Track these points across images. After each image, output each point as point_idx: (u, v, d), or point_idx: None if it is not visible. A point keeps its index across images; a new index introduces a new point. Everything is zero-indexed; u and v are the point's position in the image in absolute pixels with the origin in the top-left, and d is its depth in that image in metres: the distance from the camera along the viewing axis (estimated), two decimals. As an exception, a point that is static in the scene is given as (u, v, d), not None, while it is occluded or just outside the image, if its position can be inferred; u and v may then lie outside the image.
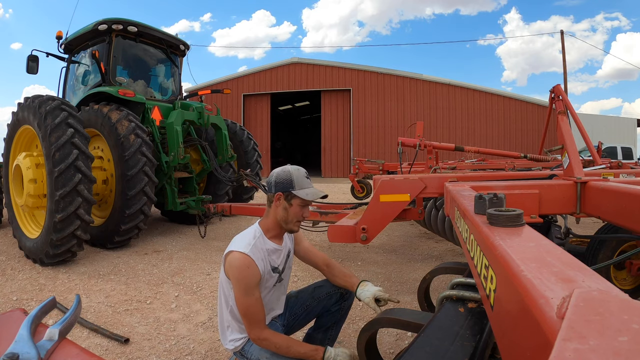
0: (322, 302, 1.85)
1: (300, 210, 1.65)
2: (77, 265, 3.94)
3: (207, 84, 19.81)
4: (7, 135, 4.61)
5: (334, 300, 1.85)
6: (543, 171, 3.25)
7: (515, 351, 0.48)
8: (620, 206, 1.25)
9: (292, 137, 31.08)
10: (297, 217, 1.66)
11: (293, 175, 1.65)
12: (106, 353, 2.23)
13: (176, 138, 5.04)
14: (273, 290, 1.71)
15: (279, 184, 1.65)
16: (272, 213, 1.68)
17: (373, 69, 18.60)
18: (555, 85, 3.48)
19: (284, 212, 1.65)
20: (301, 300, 1.87)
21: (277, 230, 1.70)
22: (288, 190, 1.63)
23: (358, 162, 8.41)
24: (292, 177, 1.64)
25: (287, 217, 1.65)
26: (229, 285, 1.62)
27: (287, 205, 1.64)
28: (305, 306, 1.85)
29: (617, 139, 16.27)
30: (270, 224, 1.69)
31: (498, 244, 0.63)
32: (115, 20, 5.19)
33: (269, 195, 1.70)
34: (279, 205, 1.66)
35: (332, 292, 1.85)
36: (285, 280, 1.80)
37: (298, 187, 1.64)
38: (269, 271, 1.65)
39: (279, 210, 1.66)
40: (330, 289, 1.86)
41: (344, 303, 1.87)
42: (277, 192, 1.65)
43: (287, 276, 1.81)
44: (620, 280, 2.63)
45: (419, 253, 4.42)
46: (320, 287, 1.88)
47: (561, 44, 17.22)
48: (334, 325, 1.89)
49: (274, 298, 1.74)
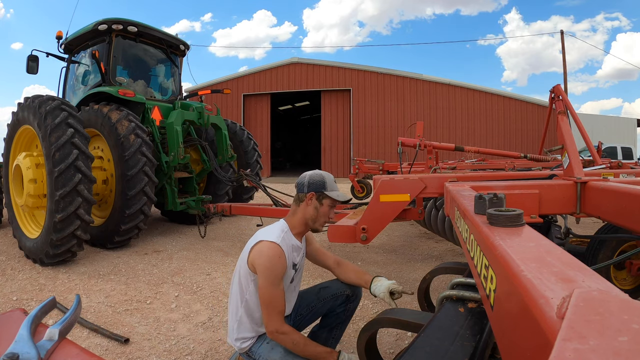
0: (327, 303, 1.88)
1: (329, 210, 1.76)
2: (77, 265, 3.94)
3: (207, 84, 19.81)
4: (7, 135, 4.61)
5: (339, 301, 1.88)
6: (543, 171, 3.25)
7: (515, 351, 0.48)
8: (620, 206, 1.25)
9: (292, 137, 31.08)
10: (325, 217, 1.76)
11: (325, 178, 1.77)
12: (106, 353, 2.23)
13: (176, 138, 5.04)
14: (287, 291, 1.72)
15: (312, 185, 1.75)
16: (302, 211, 1.76)
17: (373, 69, 18.60)
18: (555, 85, 3.48)
19: (314, 211, 1.74)
20: (306, 300, 1.90)
21: (302, 228, 1.77)
22: (320, 190, 1.74)
23: (358, 162, 8.41)
24: (324, 179, 1.76)
25: (317, 216, 1.75)
26: (249, 277, 1.64)
27: (318, 205, 1.74)
28: (310, 307, 1.88)
29: (617, 139, 16.27)
30: (297, 222, 1.76)
31: (498, 244, 0.63)
32: (115, 20, 5.19)
33: (300, 195, 1.77)
34: (310, 204, 1.74)
35: (337, 293, 1.88)
36: (297, 281, 1.84)
37: (330, 189, 1.75)
38: (290, 266, 1.69)
39: (309, 209, 1.74)
40: (336, 290, 1.88)
41: (350, 305, 1.90)
42: (309, 191, 1.74)
43: (298, 278, 1.85)
44: (620, 280, 2.63)
45: (419, 253, 4.42)
46: (326, 288, 1.91)
47: (561, 44, 17.23)
48: (339, 326, 1.92)
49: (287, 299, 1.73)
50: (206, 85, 19.54)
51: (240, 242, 4.97)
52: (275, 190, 5.22)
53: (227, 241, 5.05)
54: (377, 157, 14.49)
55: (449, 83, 18.25)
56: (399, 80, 18.49)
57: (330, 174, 1.82)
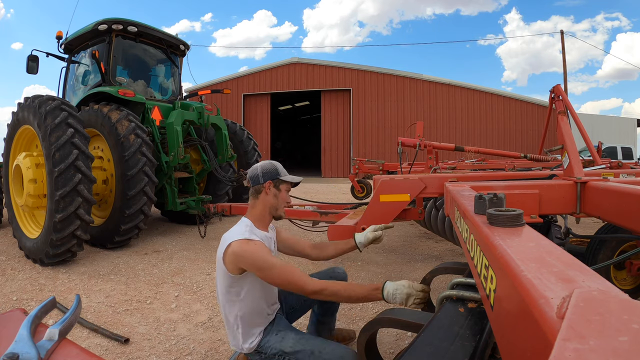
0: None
1: (286, 195, 1.83)
2: (77, 265, 3.94)
3: (207, 84, 19.81)
4: (7, 135, 4.61)
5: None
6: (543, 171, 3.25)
7: (515, 351, 0.48)
8: (620, 206, 1.25)
9: (292, 137, 31.08)
10: (285, 201, 1.82)
11: (276, 165, 1.83)
12: (106, 353, 2.23)
13: (176, 138, 5.04)
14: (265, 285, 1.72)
15: (266, 174, 1.78)
16: (261, 202, 1.78)
17: (373, 69, 18.60)
18: (555, 85, 3.48)
19: (275, 199, 1.79)
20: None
21: (265, 219, 1.81)
22: (276, 177, 1.78)
23: (358, 162, 8.40)
24: (276, 166, 1.82)
25: (278, 203, 1.80)
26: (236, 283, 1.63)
27: (277, 192, 1.79)
28: (302, 299, 1.92)
29: (617, 139, 16.28)
30: (258, 214, 1.79)
31: (498, 244, 0.63)
32: (115, 20, 5.19)
33: (256, 187, 1.79)
34: (269, 193, 1.78)
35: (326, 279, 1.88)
36: None
37: (283, 174, 1.81)
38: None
39: (269, 198, 1.78)
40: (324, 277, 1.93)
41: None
42: (265, 181, 1.77)
43: None
44: (620, 280, 2.63)
45: (419, 253, 4.42)
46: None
47: (561, 44, 17.23)
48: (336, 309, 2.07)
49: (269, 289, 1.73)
50: (206, 85, 19.54)
51: (240, 242, 4.97)
52: (275, 190, 5.21)
53: (227, 241, 5.05)
54: (377, 157, 14.48)
55: (449, 83, 18.25)
56: (399, 80, 18.49)
57: (277, 162, 1.87)
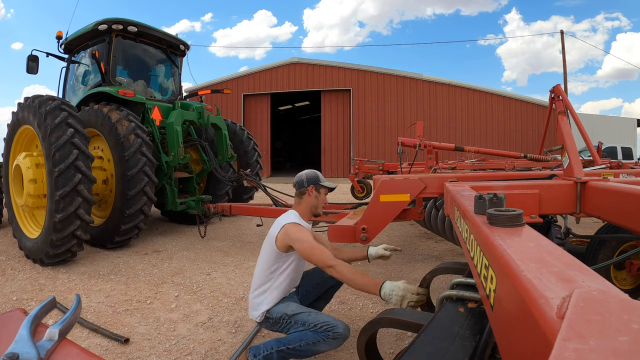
0: (329, 281, 2.25)
1: (324, 197, 2.26)
2: (77, 265, 3.94)
3: (207, 84, 19.80)
4: (7, 135, 4.61)
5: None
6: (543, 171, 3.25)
7: (515, 351, 0.48)
8: (620, 206, 1.25)
9: (292, 137, 31.06)
10: (323, 202, 2.26)
11: (318, 174, 2.27)
12: (106, 353, 2.23)
13: (176, 138, 5.04)
14: (299, 264, 2.14)
15: (310, 180, 2.22)
16: (305, 202, 2.22)
17: (373, 69, 18.59)
18: (555, 85, 3.48)
19: (315, 200, 2.22)
20: (311, 278, 2.28)
21: (307, 215, 2.23)
22: (317, 183, 2.22)
23: (358, 162, 8.40)
24: (317, 175, 2.26)
25: (318, 203, 2.23)
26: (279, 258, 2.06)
27: (317, 194, 2.22)
28: (315, 284, 2.26)
29: (617, 139, 16.27)
30: (302, 210, 2.22)
31: (498, 244, 0.63)
32: (115, 20, 5.19)
33: (301, 189, 2.22)
34: (311, 195, 2.21)
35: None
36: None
37: (322, 181, 2.25)
38: None
39: (311, 199, 2.21)
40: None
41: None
42: (309, 185, 2.21)
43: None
44: (620, 280, 2.63)
45: (419, 253, 4.42)
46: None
47: (561, 44, 17.23)
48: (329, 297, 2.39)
49: (298, 271, 2.16)
50: (206, 85, 19.53)
51: (240, 242, 4.97)
52: (275, 190, 5.22)
53: (227, 241, 5.05)
54: (377, 157, 14.48)
55: (449, 83, 18.25)
56: (399, 80, 18.48)
57: (317, 171, 2.30)
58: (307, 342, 1.85)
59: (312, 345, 1.84)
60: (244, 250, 4.52)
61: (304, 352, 1.85)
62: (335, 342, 1.85)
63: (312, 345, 1.84)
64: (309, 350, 1.84)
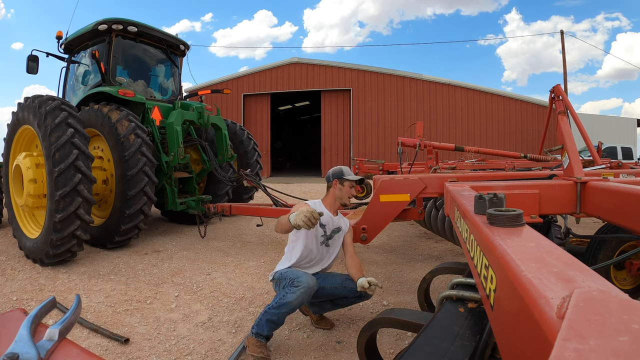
0: (345, 291, 2.39)
1: (349, 189, 2.51)
2: (77, 265, 3.94)
3: (207, 84, 19.80)
4: (7, 135, 4.61)
5: (353, 294, 2.38)
6: (543, 171, 3.25)
7: (515, 351, 0.48)
8: (620, 206, 1.25)
9: (292, 137, 31.06)
10: (348, 193, 2.51)
11: (342, 168, 2.57)
12: (106, 353, 2.23)
13: (176, 138, 5.04)
14: (319, 247, 2.43)
15: (335, 174, 2.54)
16: (331, 193, 2.54)
17: (373, 69, 18.59)
18: (555, 85, 3.48)
19: (340, 192, 2.51)
20: (332, 280, 2.42)
21: (331, 205, 2.52)
22: (341, 176, 2.51)
23: (358, 162, 8.40)
24: (342, 169, 2.56)
25: (342, 194, 2.51)
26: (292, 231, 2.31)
27: (341, 187, 2.51)
28: (333, 287, 2.40)
29: (617, 139, 16.27)
30: (328, 200, 2.55)
31: (498, 244, 0.63)
32: (115, 20, 5.19)
33: (329, 183, 2.56)
34: (336, 187, 2.52)
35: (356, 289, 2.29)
36: (332, 248, 2.51)
37: (346, 174, 2.53)
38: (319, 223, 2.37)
39: (335, 190, 2.52)
40: (355, 286, 2.30)
41: (359, 300, 2.48)
42: (334, 179, 2.53)
43: (333, 246, 2.51)
44: (620, 280, 2.63)
45: (419, 253, 4.42)
46: (350, 280, 2.37)
47: (561, 44, 17.23)
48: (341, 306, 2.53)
49: (319, 254, 2.45)
50: (206, 85, 19.53)
51: (240, 242, 4.97)
52: (275, 190, 5.22)
53: (227, 241, 5.05)
54: (377, 157, 14.48)
55: (449, 83, 18.25)
56: (399, 80, 18.48)
57: (346, 166, 2.62)
58: (280, 297, 2.12)
59: (282, 300, 2.09)
60: (244, 250, 4.52)
61: (279, 308, 2.08)
62: (299, 291, 2.09)
63: (283, 299, 2.09)
64: (282, 305, 2.07)
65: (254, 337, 2.14)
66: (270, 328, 2.12)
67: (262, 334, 2.12)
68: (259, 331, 2.12)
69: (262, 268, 3.79)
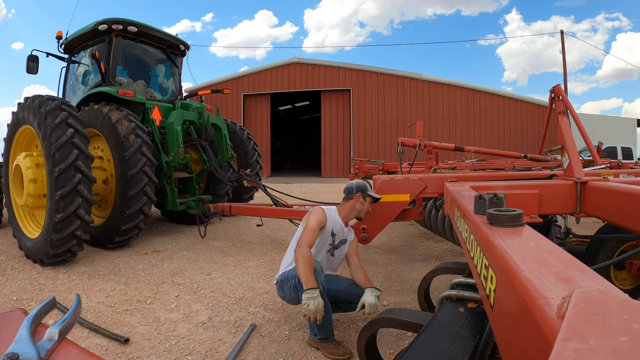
0: (349, 296, 2.39)
1: (368, 205, 2.53)
2: (77, 265, 3.94)
3: (208, 84, 19.81)
4: (7, 135, 4.61)
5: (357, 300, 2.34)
6: (543, 171, 3.25)
7: (515, 351, 0.48)
8: (620, 206, 1.25)
9: (292, 137, 31.07)
10: (366, 208, 2.53)
11: (367, 184, 2.58)
12: (106, 353, 2.23)
13: (176, 138, 5.04)
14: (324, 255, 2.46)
15: (359, 188, 2.54)
16: (351, 204, 2.53)
17: (373, 69, 18.59)
18: (555, 85, 3.48)
19: (360, 205, 2.50)
20: (337, 283, 2.44)
21: (346, 216, 2.53)
22: (364, 191, 2.52)
23: (358, 162, 8.38)
24: (366, 185, 2.57)
25: (362, 208, 2.51)
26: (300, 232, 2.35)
27: (363, 201, 2.51)
28: (338, 290, 2.42)
29: (617, 139, 16.27)
30: (345, 210, 2.54)
31: (498, 244, 0.63)
32: (115, 20, 5.19)
33: (350, 195, 2.55)
34: (358, 200, 2.51)
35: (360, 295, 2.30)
36: (336, 259, 2.53)
37: (370, 191, 2.53)
38: (330, 231, 2.43)
39: (357, 204, 2.51)
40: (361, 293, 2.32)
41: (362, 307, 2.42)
42: (358, 192, 2.52)
43: (338, 255, 2.52)
44: (620, 280, 2.63)
45: (419, 253, 4.41)
46: (356, 286, 2.40)
47: (561, 44, 17.24)
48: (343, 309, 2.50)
49: (324, 260, 2.46)
50: (206, 85, 19.53)
51: (240, 242, 4.97)
52: (275, 190, 5.22)
53: (227, 241, 5.05)
54: (377, 157, 14.47)
55: (449, 83, 18.25)
56: (399, 80, 18.48)
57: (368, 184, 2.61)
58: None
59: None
60: (244, 250, 4.52)
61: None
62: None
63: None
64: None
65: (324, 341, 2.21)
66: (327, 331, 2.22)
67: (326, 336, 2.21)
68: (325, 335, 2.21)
69: (262, 268, 3.79)
